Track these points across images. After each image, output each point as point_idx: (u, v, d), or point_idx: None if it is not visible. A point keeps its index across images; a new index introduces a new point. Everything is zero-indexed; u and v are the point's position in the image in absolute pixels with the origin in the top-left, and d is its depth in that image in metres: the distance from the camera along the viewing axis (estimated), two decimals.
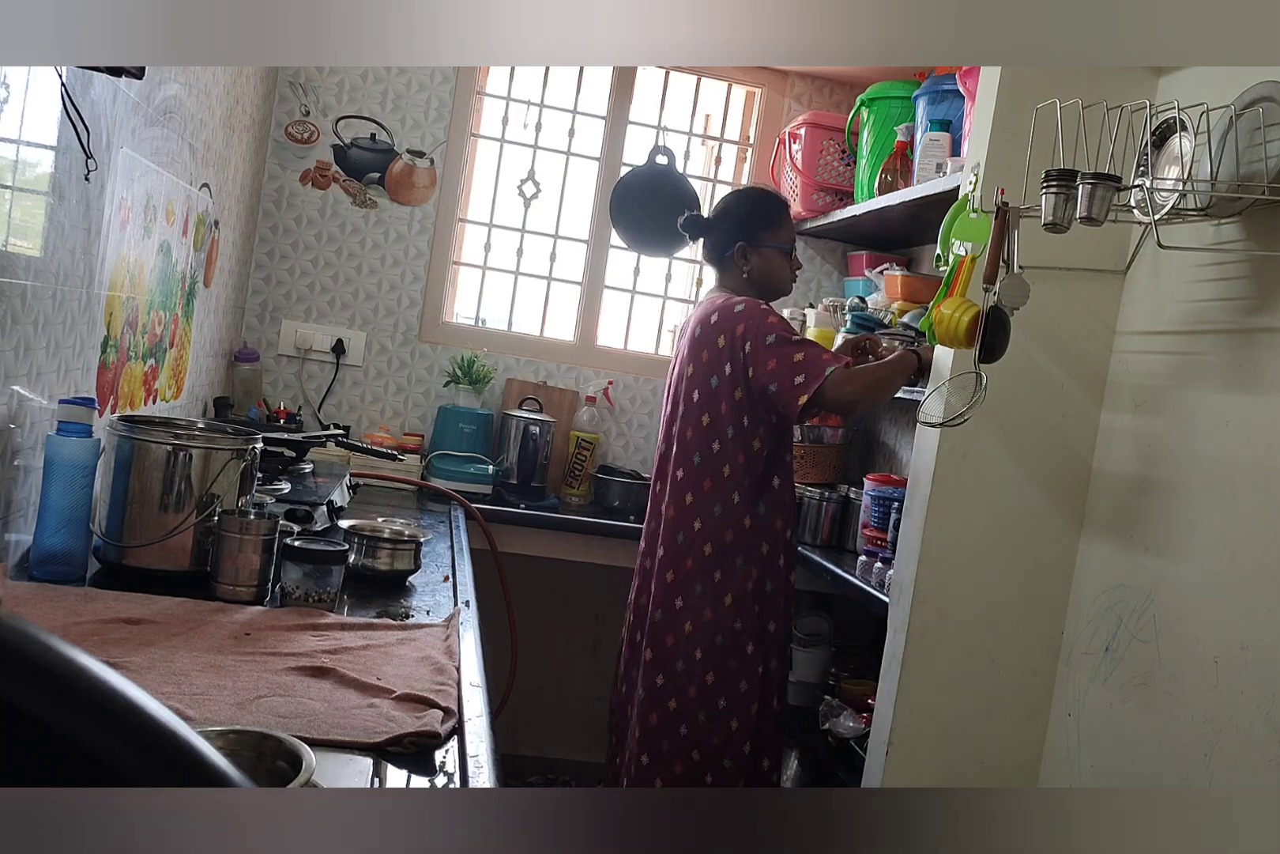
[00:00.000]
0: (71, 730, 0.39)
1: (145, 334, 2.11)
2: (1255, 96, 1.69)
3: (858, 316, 2.91)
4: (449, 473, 3.05)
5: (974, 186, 2.04)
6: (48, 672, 0.39)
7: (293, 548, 1.58)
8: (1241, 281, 1.78)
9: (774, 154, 3.43)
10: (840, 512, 3.04)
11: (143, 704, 0.40)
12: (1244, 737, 1.64)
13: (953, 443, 2.08)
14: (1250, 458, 1.70)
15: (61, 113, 1.50)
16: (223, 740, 0.93)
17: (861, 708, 2.54)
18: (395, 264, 3.35)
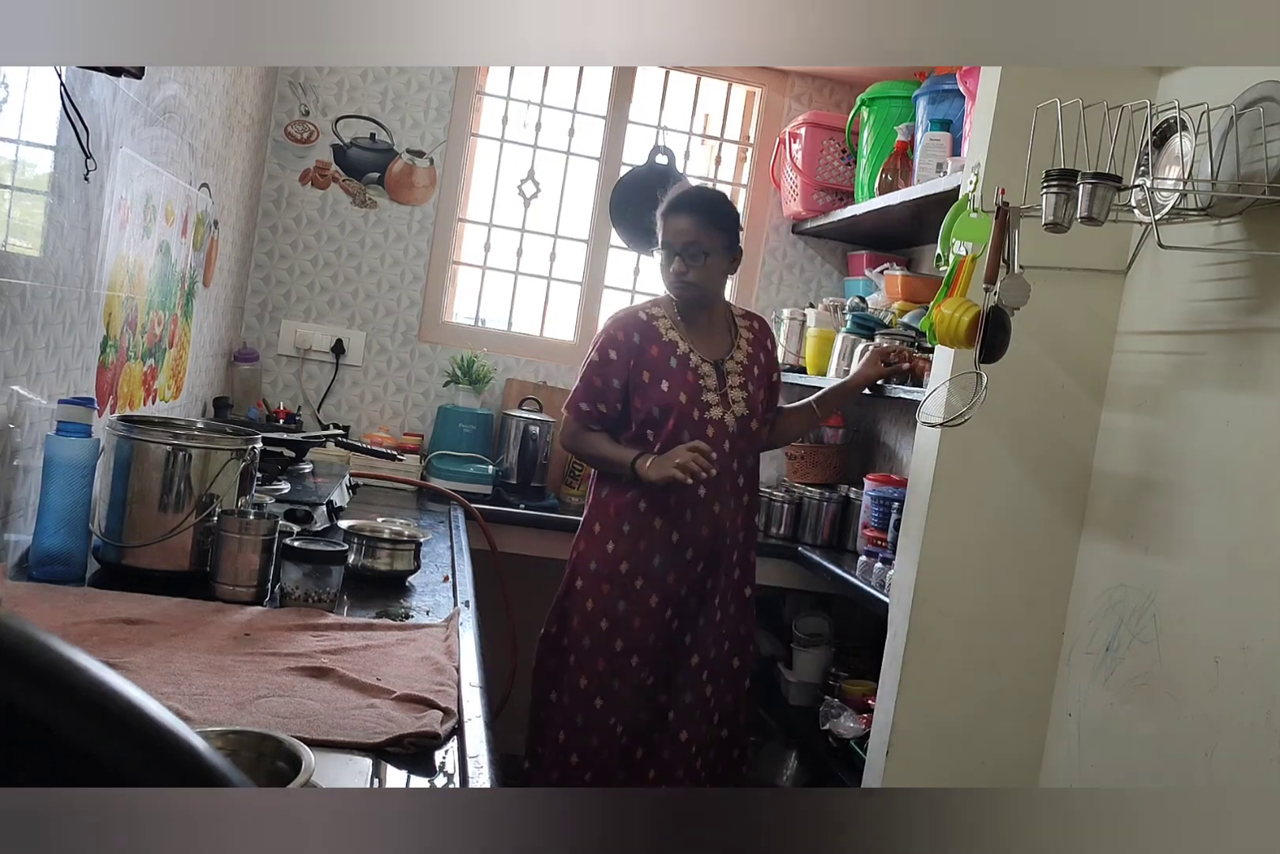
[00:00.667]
0: (71, 731, 0.39)
1: (145, 334, 2.11)
2: (1256, 96, 1.69)
3: (858, 316, 2.91)
4: (449, 473, 3.05)
5: (974, 186, 2.04)
6: (47, 672, 0.39)
7: (292, 548, 1.58)
8: (1242, 281, 1.78)
9: (774, 154, 3.43)
10: (840, 512, 3.04)
11: (142, 704, 0.40)
12: (1244, 737, 1.64)
13: (953, 443, 2.08)
14: (1250, 458, 1.70)
15: (61, 113, 1.50)
16: (222, 741, 0.93)
17: (861, 708, 2.54)
18: (395, 264, 3.35)
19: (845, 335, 2.90)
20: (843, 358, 2.89)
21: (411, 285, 3.36)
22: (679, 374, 2.32)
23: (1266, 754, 1.59)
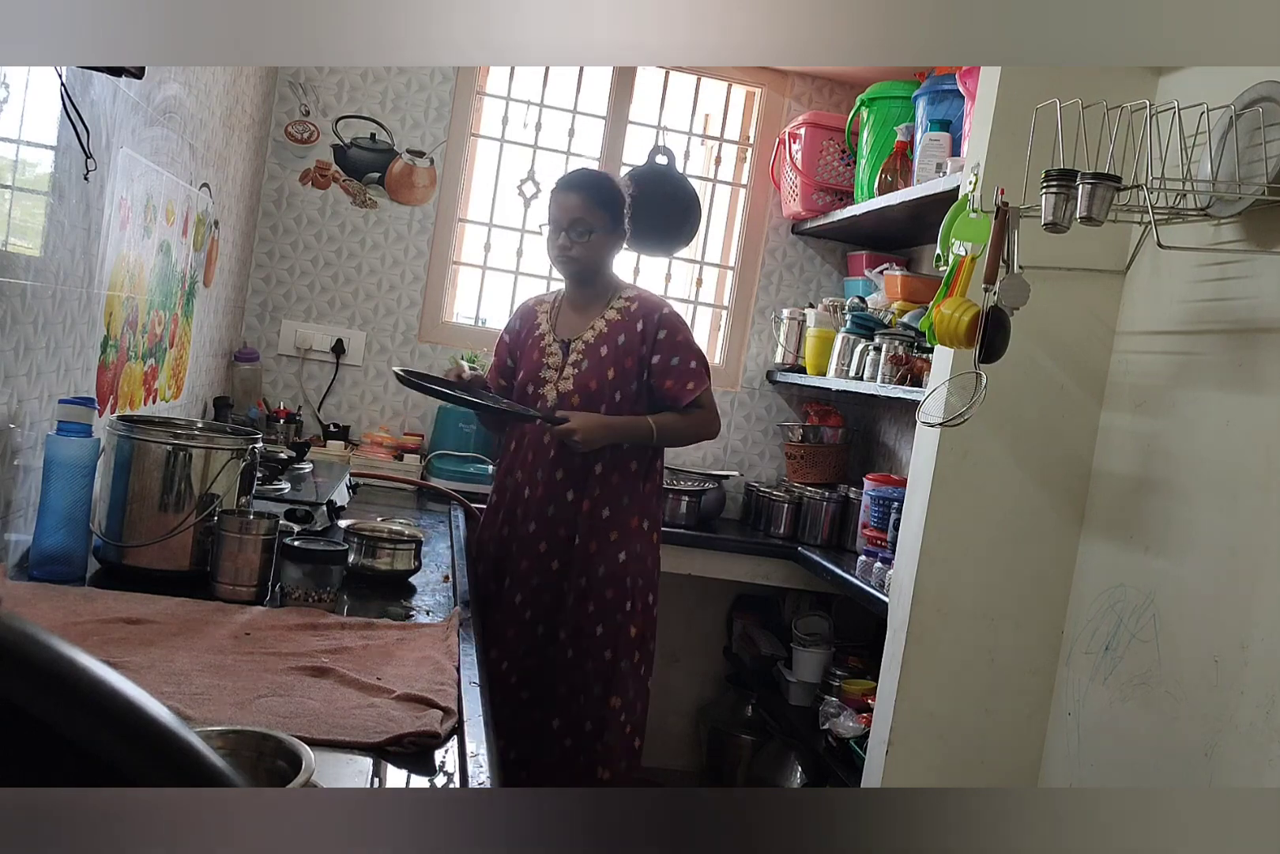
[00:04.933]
0: (71, 730, 0.39)
1: (145, 334, 2.11)
2: (1255, 96, 1.69)
3: (857, 316, 2.91)
4: (449, 473, 3.05)
5: (974, 186, 2.04)
6: (48, 672, 0.39)
7: (292, 548, 1.58)
8: (1241, 281, 1.78)
9: (774, 154, 3.43)
10: (840, 512, 3.04)
11: (143, 704, 0.40)
12: (1244, 737, 1.64)
13: (953, 443, 2.08)
14: (1250, 458, 1.70)
15: (61, 113, 1.50)
16: (223, 740, 0.93)
17: (861, 708, 2.54)
18: (395, 264, 3.35)
19: (845, 335, 2.90)
20: (842, 358, 2.89)
21: (411, 285, 3.36)
22: (530, 352, 2.41)
23: (1266, 754, 1.59)
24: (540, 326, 2.42)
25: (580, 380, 2.32)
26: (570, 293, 2.44)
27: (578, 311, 2.41)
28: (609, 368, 2.32)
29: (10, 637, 0.38)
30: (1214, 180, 1.73)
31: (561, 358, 2.36)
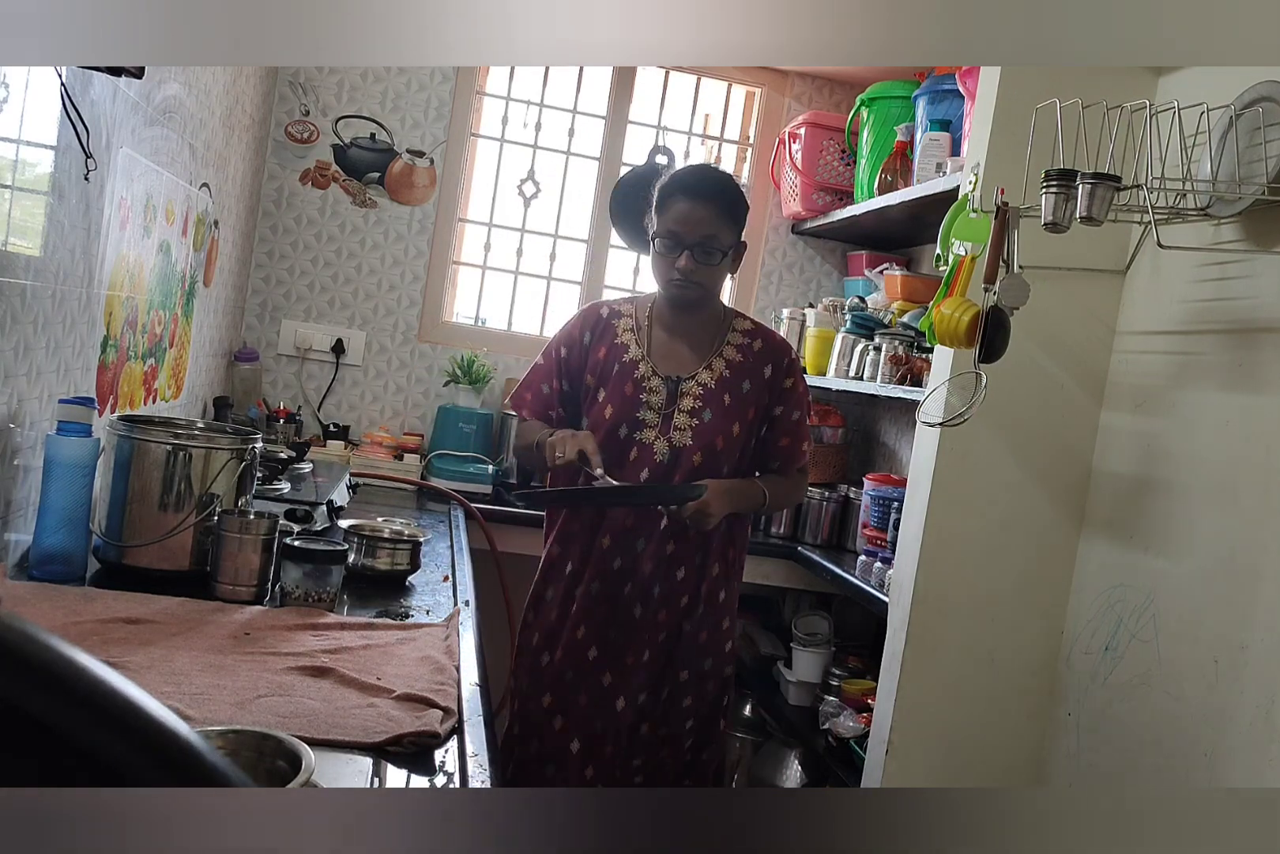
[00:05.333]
0: (71, 730, 0.39)
1: (145, 334, 2.11)
2: (1255, 96, 1.69)
3: (857, 316, 2.91)
4: (449, 473, 3.05)
5: (974, 186, 2.04)
6: (48, 672, 0.39)
7: (292, 548, 1.58)
8: (1241, 281, 1.78)
9: (774, 154, 3.43)
10: (840, 512, 3.04)
11: (143, 704, 0.40)
12: (1244, 736, 1.64)
13: (953, 443, 2.08)
14: (1250, 458, 1.70)
15: (61, 112, 1.50)
16: (222, 740, 0.93)
17: (861, 708, 2.54)
18: (395, 264, 3.35)
19: (845, 335, 2.90)
20: (842, 358, 2.89)
21: (411, 285, 3.36)
22: (618, 383, 1.95)
23: (1266, 754, 1.59)
24: (628, 350, 1.97)
25: (703, 435, 1.93)
26: (667, 313, 2.01)
27: (681, 341, 1.99)
28: (734, 421, 1.95)
29: (10, 637, 0.38)
30: (1214, 180, 1.73)
31: (666, 399, 1.94)
